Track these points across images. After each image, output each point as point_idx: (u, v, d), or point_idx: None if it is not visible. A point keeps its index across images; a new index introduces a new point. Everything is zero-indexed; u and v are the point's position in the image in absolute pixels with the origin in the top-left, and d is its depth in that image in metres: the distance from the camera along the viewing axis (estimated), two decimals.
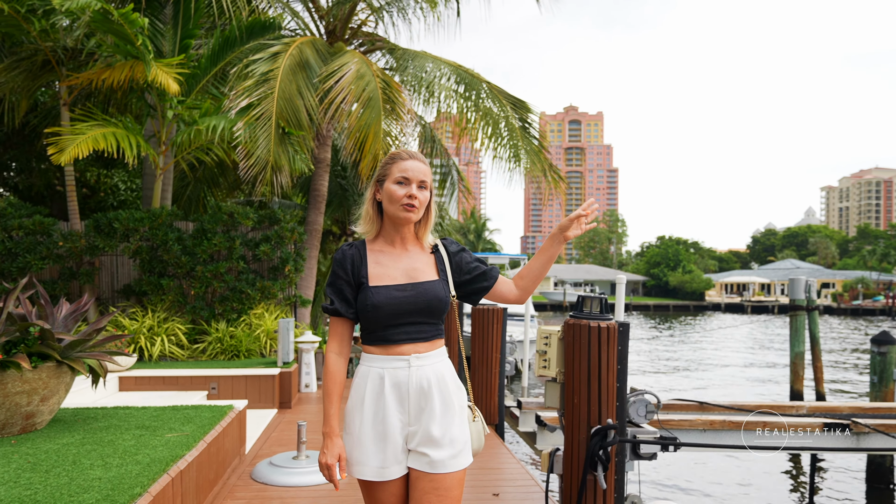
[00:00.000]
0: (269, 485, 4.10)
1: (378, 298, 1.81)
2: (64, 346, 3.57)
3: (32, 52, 7.32)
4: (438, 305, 1.86)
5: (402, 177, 1.85)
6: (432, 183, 1.93)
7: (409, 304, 1.83)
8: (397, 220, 1.87)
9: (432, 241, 1.98)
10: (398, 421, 1.82)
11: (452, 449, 1.81)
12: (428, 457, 1.79)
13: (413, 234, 1.94)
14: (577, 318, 3.25)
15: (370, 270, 1.86)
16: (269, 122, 6.94)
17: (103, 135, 6.48)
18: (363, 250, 1.91)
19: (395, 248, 1.92)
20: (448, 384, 1.87)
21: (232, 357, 7.58)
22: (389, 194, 1.85)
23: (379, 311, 1.81)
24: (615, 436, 3.10)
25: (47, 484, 2.69)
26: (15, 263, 7.30)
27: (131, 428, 3.77)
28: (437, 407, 1.82)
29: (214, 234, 7.71)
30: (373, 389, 1.83)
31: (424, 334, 1.86)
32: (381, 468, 1.80)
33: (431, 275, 1.90)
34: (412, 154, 1.91)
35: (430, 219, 1.93)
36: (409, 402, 1.82)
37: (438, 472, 1.79)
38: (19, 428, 3.54)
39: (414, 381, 1.82)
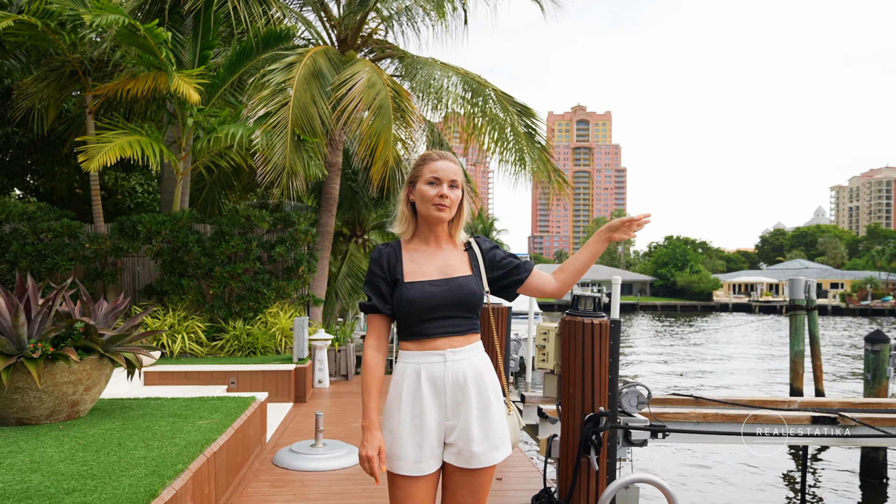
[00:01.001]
0: (290, 469, 4.43)
1: (413, 293, 1.86)
2: (105, 341, 3.92)
3: (61, 63, 7.71)
4: (472, 299, 1.89)
5: (432, 177, 1.89)
6: (464, 182, 1.96)
7: (443, 299, 1.86)
8: (430, 219, 1.91)
9: (465, 238, 2.01)
10: (435, 415, 1.84)
11: (489, 443, 1.84)
12: (466, 452, 1.83)
13: (447, 233, 1.98)
14: (572, 315, 3.57)
15: (405, 267, 1.91)
16: (286, 130, 7.29)
17: (129, 143, 6.85)
18: (399, 249, 1.96)
19: (429, 246, 1.96)
20: (485, 378, 1.89)
21: (249, 354, 7.94)
22: (421, 195, 1.90)
23: (414, 306, 1.85)
24: (606, 422, 3.41)
25: (99, 461, 3.03)
26: (44, 264, 7.69)
27: (165, 416, 4.12)
28: (473, 401, 1.84)
29: (232, 237, 8.07)
30: (410, 385, 1.86)
31: (459, 328, 1.89)
32: (417, 463, 1.82)
33: (465, 270, 1.94)
34: (443, 154, 1.94)
35: (461, 217, 1.97)
36: (445, 396, 1.84)
37: (475, 468, 1.84)
38: (65, 415, 3.89)
39: (450, 375, 1.85)
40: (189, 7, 7.62)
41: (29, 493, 2.55)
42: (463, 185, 1.94)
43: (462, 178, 1.94)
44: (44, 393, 3.70)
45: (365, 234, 14.93)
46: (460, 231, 1.99)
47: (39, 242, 7.76)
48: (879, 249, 75.60)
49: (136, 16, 7.71)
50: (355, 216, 14.23)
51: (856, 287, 64.68)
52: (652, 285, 78.51)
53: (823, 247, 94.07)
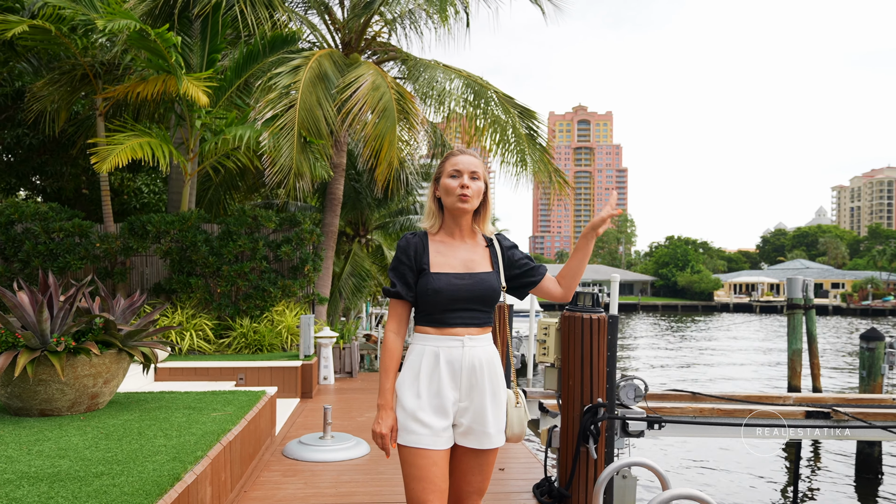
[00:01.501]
0: (300, 460, 4.60)
1: (439, 284, 1.95)
2: (123, 336, 4.08)
3: (72, 66, 7.88)
4: (492, 295, 2.00)
5: (454, 170, 2.00)
6: (486, 175, 2.06)
7: (467, 292, 1.96)
8: (455, 210, 2.00)
9: (492, 230, 2.11)
10: (451, 395, 1.94)
11: (498, 426, 1.97)
12: (480, 433, 1.95)
13: (470, 228, 2.07)
14: (572, 311, 3.72)
15: (431, 259, 2.00)
16: (292, 132, 7.45)
17: (140, 144, 7.02)
18: (425, 240, 2.04)
19: (454, 239, 2.05)
20: (496, 367, 2.01)
21: (255, 351, 8.10)
22: (445, 188, 2.00)
23: (439, 296, 1.94)
24: (604, 413, 3.57)
25: (122, 449, 3.20)
26: (56, 263, 7.87)
27: (180, 408, 4.28)
28: (486, 386, 1.96)
29: (239, 236, 8.23)
30: (428, 364, 1.95)
31: (477, 321, 1.99)
32: (434, 437, 1.91)
33: (486, 266, 2.03)
34: (463, 150, 2.06)
35: (486, 211, 2.07)
36: (461, 378, 1.95)
37: (486, 448, 1.95)
38: (85, 406, 4.05)
39: (467, 359, 1.95)
40: (198, 11, 7.78)
41: (60, 476, 2.71)
42: (486, 177, 2.04)
43: (484, 172, 2.03)
44: (66, 385, 3.86)
45: (368, 234, 15.09)
46: (487, 224, 2.08)
47: (51, 242, 7.93)
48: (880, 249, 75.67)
49: (146, 20, 7.87)
50: (359, 216, 14.39)
51: (857, 287, 64.76)
52: (653, 285, 78.61)
53: (824, 247, 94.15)
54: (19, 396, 3.84)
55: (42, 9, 7.39)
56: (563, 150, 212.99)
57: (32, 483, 2.62)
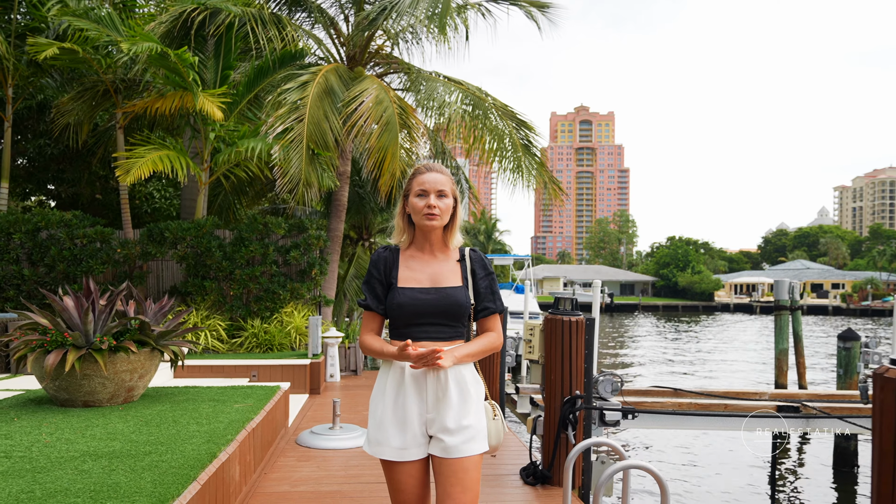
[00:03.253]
0: (312, 448, 5.10)
1: (402, 299, 2.00)
2: (156, 335, 4.59)
3: (94, 83, 8.39)
4: (458, 310, 2.01)
5: (420, 189, 2.02)
6: (455, 189, 2.07)
7: (431, 306, 2.00)
8: (423, 227, 2.03)
9: (459, 241, 2.12)
10: (417, 408, 1.97)
11: (465, 435, 1.96)
12: (444, 442, 1.95)
13: (441, 241, 2.09)
14: (553, 314, 4.22)
15: (400, 273, 2.05)
16: (301, 145, 7.96)
17: (160, 157, 7.53)
18: (396, 254, 2.09)
19: (424, 254, 2.08)
20: (465, 377, 2.00)
21: (266, 350, 8.61)
22: (413, 206, 2.03)
23: (403, 310, 1.99)
24: (582, 403, 4.06)
25: (162, 433, 3.70)
26: (79, 267, 8.38)
27: (205, 400, 4.78)
28: (453, 397, 1.97)
29: (251, 242, 8.74)
30: (394, 379, 2.00)
31: (443, 335, 2.00)
32: (400, 449, 1.96)
33: (456, 281, 2.05)
34: (430, 167, 2.05)
35: (455, 223, 2.08)
36: (426, 391, 1.98)
37: (453, 457, 1.95)
38: (123, 398, 4.56)
39: (431, 373, 1.97)
40: (212, 31, 8.29)
41: (115, 454, 3.21)
42: (454, 193, 2.06)
43: (452, 188, 2.05)
44: (107, 379, 4.37)
45: (371, 238, 15.59)
46: (455, 237, 2.09)
47: (75, 247, 8.44)
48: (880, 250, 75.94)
49: (164, 39, 8.37)
50: (362, 220, 14.89)
51: (856, 287, 65.06)
52: (654, 286, 79.01)
53: (825, 247, 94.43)
54: (66, 389, 4.35)
55: (67, 29, 7.92)
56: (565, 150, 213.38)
57: (94, 459, 3.12)
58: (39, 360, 4.22)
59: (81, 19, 7.51)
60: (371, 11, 9.52)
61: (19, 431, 3.68)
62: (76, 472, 2.90)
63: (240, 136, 8.42)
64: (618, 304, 63.50)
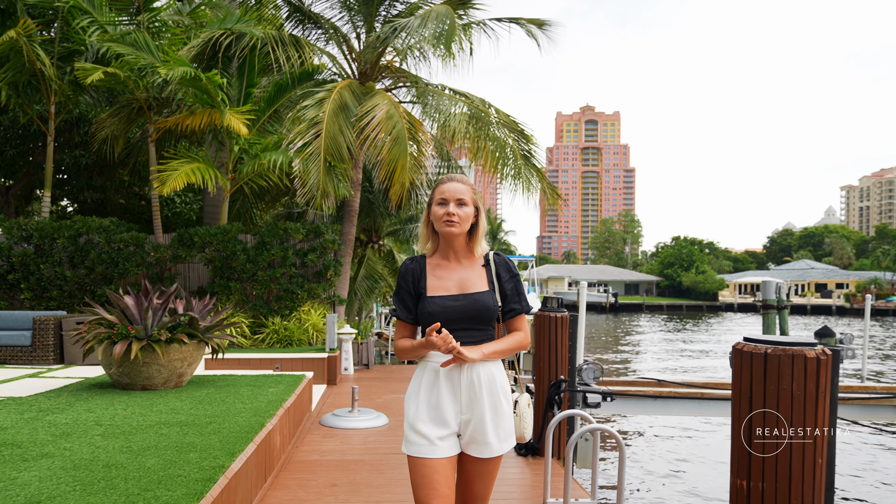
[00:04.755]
0: (334, 428, 5.85)
1: (432, 307, 2.06)
2: (203, 329, 5.35)
3: (130, 101, 9.18)
4: (486, 314, 2.07)
5: (441, 198, 2.09)
6: (476, 198, 2.13)
7: (461, 313, 2.06)
8: (444, 234, 2.10)
9: (485, 249, 2.18)
10: (451, 408, 2.05)
11: (499, 436, 2.06)
12: (481, 443, 2.04)
13: (465, 248, 2.15)
14: (542, 311, 4.95)
15: (429, 282, 2.12)
16: (319, 158, 8.71)
17: (192, 170, 8.30)
18: (423, 264, 2.16)
19: (450, 261, 2.14)
20: (496, 381, 2.08)
21: (286, 345, 9.37)
22: (434, 214, 2.11)
23: (434, 319, 2.04)
24: (565, 386, 4.79)
25: (215, 409, 4.45)
26: (116, 269, 9.17)
27: (242, 386, 5.54)
28: (485, 400, 2.04)
29: (272, 246, 9.51)
30: (429, 380, 2.07)
31: (474, 339, 2.06)
32: (432, 446, 2.02)
33: (482, 286, 2.11)
34: (452, 177, 2.13)
35: (478, 231, 2.13)
36: (461, 393, 2.04)
37: (487, 457, 2.06)
38: (174, 383, 5.32)
39: (465, 376, 2.04)
40: (238, 54, 9.06)
41: (183, 423, 3.97)
42: (475, 202, 2.12)
43: (473, 197, 2.11)
44: (162, 366, 5.13)
45: (380, 241, 16.36)
46: (480, 244, 2.15)
47: (112, 251, 9.23)
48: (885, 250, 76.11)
49: (195, 61, 9.14)
50: (372, 224, 15.66)
51: (860, 287, 65.36)
52: (658, 285, 79.50)
53: (830, 247, 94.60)
54: (128, 374, 5.12)
55: (105, 53, 8.71)
56: (571, 150, 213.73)
57: (167, 427, 3.87)
58: (108, 349, 4.99)
59: (120, 44, 8.28)
60: (382, 32, 10.26)
61: (98, 407, 4.45)
62: (157, 435, 3.66)
63: (262, 149, 9.18)
64: (622, 303, 64.08)
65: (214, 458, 3.18)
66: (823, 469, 2.06)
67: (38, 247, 9.13)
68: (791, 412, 2.03)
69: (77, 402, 4.69)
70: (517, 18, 11.55)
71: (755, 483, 2.09)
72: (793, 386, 2.02)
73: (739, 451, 2.16)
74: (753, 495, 2.09)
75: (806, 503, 2.02)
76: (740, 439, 2.17)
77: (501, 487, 4.13)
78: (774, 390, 2.05)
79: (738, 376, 2.21)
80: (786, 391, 2.03)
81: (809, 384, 2.01)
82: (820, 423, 2.03)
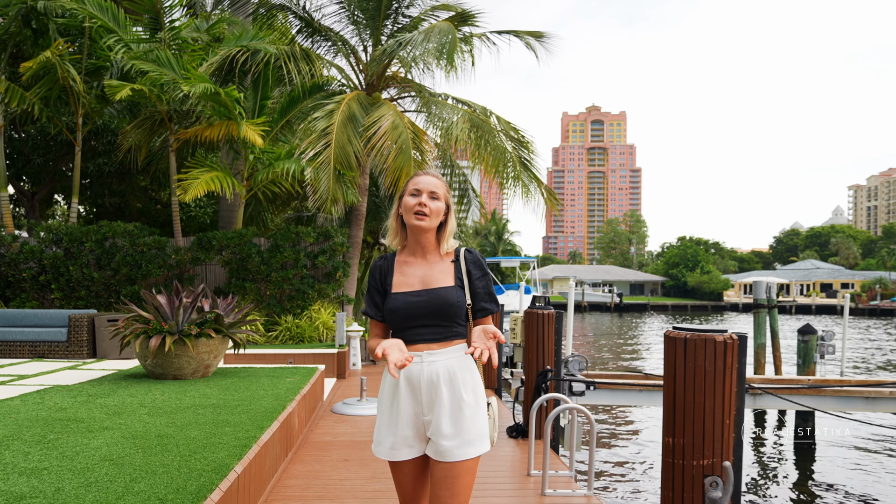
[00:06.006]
0: (345, 415, 6.45)
1: (395, 304, 2.04)
2: (227, 325, 5.96)
3: (152, 113, 9.82)
4: (449, 310, 2.02)
5: (414, 189, 2.05)
6: (448, 196, 2.10)
7: (423, 308, 2.02)
8: (413, 228, 2.05)
9: (453, 245, 2.14)
10: (411, 409, 2.01)
11: (460, 439, 1.95)
12: (438, 446, 1.98)
13: (434, 244, 2.11)
14: (531, 309, 5.54)
15: (394, 279, 2.09)
16: (329, 167, 9.32)
17: (211, 178, 8.94)
18: (391, 261, 2.13)
19: (416, 258, 2.11)
20: (458, 378, 2.00)
21: (298, 342, 9.98)
22: (405, 205, 2.06)
23: (396, 314, 2.03)
24: (551, 376, 5.37)
25: (241, 395, 5.05)
26: (140, 271, 9.82)
27: (262, 376, 6.14)
28: (445, 399, 1.98)
29: (284, 249, 10.13)
30: (390, 382, 2.05)
31: (437, 336, 2.02)
32: (391, 449, 2.02)
33: (447, 281, 2.07)
34: (426, 171, 2.12)
35: (446, 228, 2.10)
36: (420, 393, 2.00)
37: (447, 461, 1.96)
38: (201, 373, 5.94)
39: (425, 375, 1.99)
40: (253, 70, 9.69)
41: (215, 406, 4.57)
42: (447, 199, 2.10)
43: (445, 193, 2.09)
44: (192, 358, 5.75)
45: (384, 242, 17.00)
46: (447, 241, 2.11)
47: (136, 254, 9.88)
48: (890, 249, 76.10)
49: (213, 77, 9.78)
50: (378, 226, 16.27)
51: (865, 287, 65.47)
52: (663, 286, 79.83)
53: (836, 247, 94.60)
54: (161, 365, 5.73)
55: (130, 69, 9.35)
56: (577, 150, 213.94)
57: (202, 409, 4.48)
58: (144, 343, 5.61)
59: (144, 62, 8.92)
60: (388, 46, 10.86)
61: (139, 393, 5.07)
62: (195, 414, 4.26)
63: (275, 158, 9.80)
64: (627, 303, 64.48)
65: (246, 431, 3.78)
66: (731, 428, 2.63)
67: (68, 250, 9.78)
68: (704, 383, 2.60)
69: (118, 388, 5.31)
70: (516, 31, 12.13)
71: (678, 439, 2.67)
72: (706, 363, 2.60)
73: (667, 415, 2.74)
74: (677, 449, 2.67)
75: (716, 454, 2.59)
76: (670, 405, 2.75)
77: (492, 463, 4.71)
78: (692, 367, 2.63)
79: (668, 357, 2.79)
80: (700, 367, 2.61)
81: (718, 362, 2.59)
82: (728, 392, 2.61)
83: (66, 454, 3.19)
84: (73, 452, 3.22)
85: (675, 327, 2.77)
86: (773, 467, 9.21)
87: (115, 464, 3.03)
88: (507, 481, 4.34)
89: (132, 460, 3.10)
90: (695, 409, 2.61)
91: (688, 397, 2.64)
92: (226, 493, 2.81)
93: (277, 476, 4.21)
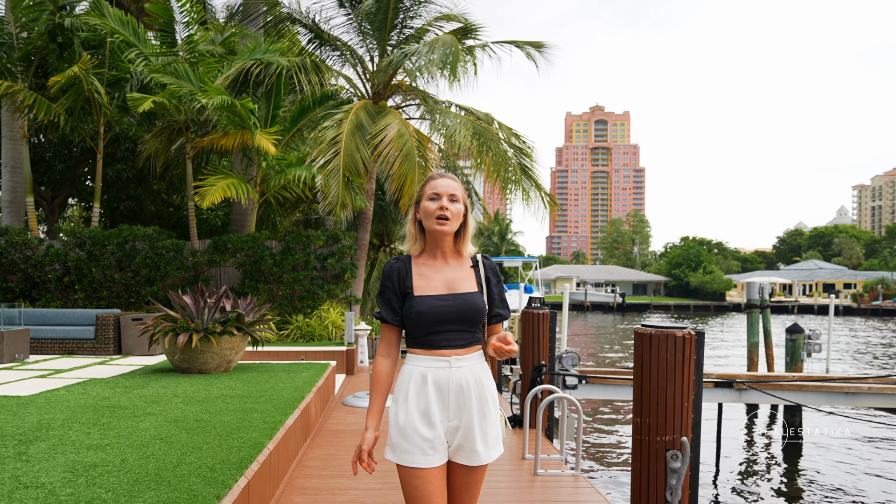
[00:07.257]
0: (355, 407, 6.94)
1: (422, 307, 1.98)
2: (248, 323, 6.46)
3: (170, 123, 10.34)
4: (476, 315, 2.00)
5: (433, 193, 2.01)
6: (466, 198, 2.07)
7: (450, 313, 1.98)
8: (434, 232, 2.01)
9: (472, 250, 2.11)
10: (439, 414, 1.96)
11: (487, 444, 1.99)
12: (469, 452, 1.97)
13: (452, 248, 2.08)
14: (527, 309, 6.02)
15: (415, 282, 2.03)
16: (338, 174, 9.82)
17: (227, 185, 9.45)
18: (408, 264, 2.07)
19: (436, 260, 2.06)
20: (484, 385, 2.00)
21: (309, 340, 10.49)
22: (424, 210, 2.01)
23: (423, 319, 1.97)
24: (546, 370, 5.86)
25: (262, 387, 5.55)
26: (158, 273, 10.34)
27: (279, 371, 6.64)
28: (474, 405, 1.97)
29: (295, 251, 10.64)
30: (416, 385, 1.98)
31: (462, 341, 1.99)
32: (424, 455, 1.95)
33: (471, 286, 2.03)
34: (443, 174, 2.08)
35: (467, 231, 2.07)
36: (449, 398, 1.96)
37: (476, 465, 1.98)
38: (224, 368, 6.44)
39: (454, 380, 1.96)
40: (265, 80, 10.20)
41: (241, 396, 5.07)
42: (465, 200, 2.06)
43: (463, 195, 2.06)
44: (216, 354, 6.25)
45: (391, 244, 17.48)
46: (467, 245, 2.08)
47: (155, 256, 10.40)
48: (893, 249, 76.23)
49: (228, 88, 10.29)
50: (384, 229, 16.78)
51: (867, 287, 65.69)
52: (666, 286, 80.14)
53: (839, 247, 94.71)
54: (187, 360, 6.24)
55: (149, 81, 9.87)
56: (580, 150, 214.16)
57: (230, 398, 4.97)
58: (172, 340, 6.11)
59: (164, 75, 9.44)
60: (395, 57, 11.36)
61: (170, 385, 5.58)
62: (224, 403, 4.76)
63: (287, 165, 10.31)
64: (630, 303, 64.87)
65: (272, 416, 4.28)
66: (689, 410, 3.11)
67: (91, 252, 10.31)
68: (667, 372, 3.09)
69: (150, 381, 5.82)
70: (517, 41, 12.62)
71: (645, 419, 3.16)
72: (668, 355, 3.08)
73: (636, 398, 3.23)
74: (643, 427, 3.16)
75: (676, 431, 3.08)
76: (639, 390, 3.23)
77: None
78: (657, 358, 3.12)
79: (637, 350, 3.27)
80: (663, 358, 3.09)
81: (678, 354, 3.07)
82: (686, 379, 3.09)
83: (122, 434, 3.69)
84: (126, 432, 3.72)
85: (643, 325, 3.25)
86: (760, 462, 9.68)
87: (164, 441, 3.53)
88: (505, 464, 4.82)
89: (178, 439, 3.60)
90: (658, 394, 3.10)
91: (653, 384, 3.12)
92: (262, 465, 3.31)
93: (298, 458, 4.71)
